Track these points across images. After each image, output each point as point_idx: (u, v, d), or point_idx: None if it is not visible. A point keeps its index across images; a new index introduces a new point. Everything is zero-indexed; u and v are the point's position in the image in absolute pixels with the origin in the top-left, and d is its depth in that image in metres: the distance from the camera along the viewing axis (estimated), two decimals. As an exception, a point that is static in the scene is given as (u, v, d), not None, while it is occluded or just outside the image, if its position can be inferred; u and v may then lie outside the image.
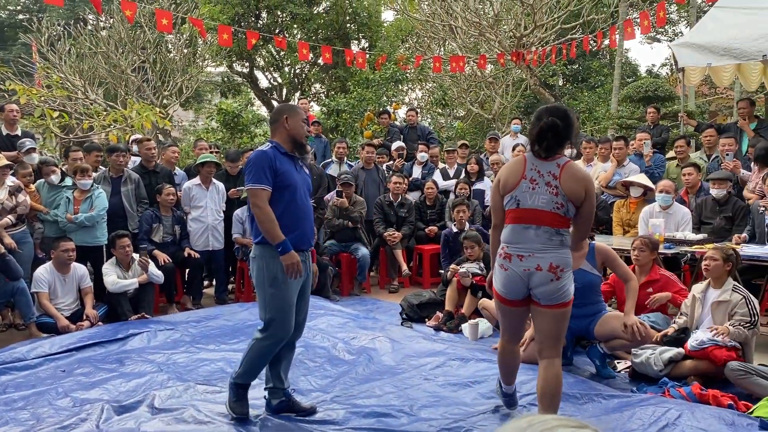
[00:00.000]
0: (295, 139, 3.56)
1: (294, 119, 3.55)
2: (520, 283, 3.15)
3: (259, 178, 3.40)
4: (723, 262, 4.38)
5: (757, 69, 8.36)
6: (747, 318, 4.23)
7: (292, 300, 3.50)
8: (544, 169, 3.13)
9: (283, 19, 14.62)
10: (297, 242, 3.47)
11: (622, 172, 7.16)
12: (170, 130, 16.04)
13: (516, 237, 3.16)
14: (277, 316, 3.45)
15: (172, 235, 6.77)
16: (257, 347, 3.52)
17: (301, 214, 3.54)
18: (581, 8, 14.71)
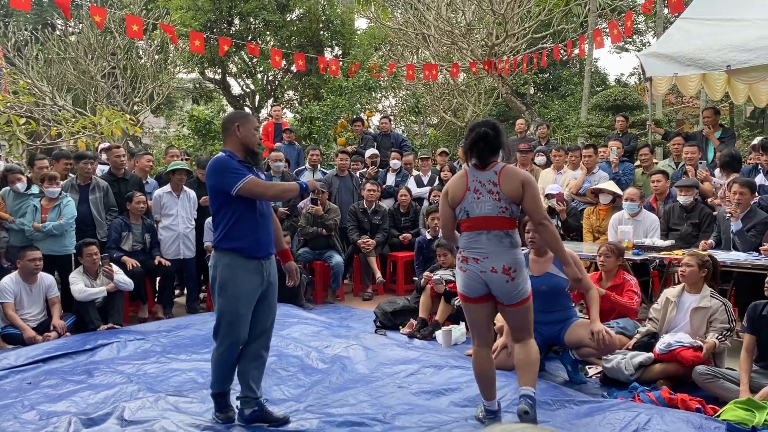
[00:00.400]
0: (247, 147, 3.54)
1: (246, 127, 3.53)
2: (479, 281, 3.40)
3: (236, 177, 3.37)
4: (698, 269, 4.45)
5: (721, 79, 8.56)
6: (726, 325, 4.30)
7: (242, 308, 3.47)
8: (484, 178, 3.40)
9: (256, 26, 14.57)
10: (253, 250, 3.48)
11: (592, 179, 7.26)
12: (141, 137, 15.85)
13: (470, 243, 3.43)
14: (224, 323, 3.49)
15: (142, 243, 6.68)
16: (214, 356, 3.60)
17: (257, 223, 3.51)
18: (551, 18, 14.96)
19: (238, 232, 3.44)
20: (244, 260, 3.46)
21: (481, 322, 3.55)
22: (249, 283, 3.48)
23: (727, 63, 7.08)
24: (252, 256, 3.48)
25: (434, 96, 16.65)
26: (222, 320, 3.49)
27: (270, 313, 3.67)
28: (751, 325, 4.03)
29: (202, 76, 17.07)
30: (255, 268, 3.50)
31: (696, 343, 4.20)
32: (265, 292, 3.59)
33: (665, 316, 4.58)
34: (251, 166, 3.54)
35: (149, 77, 14.61)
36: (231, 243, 3.44)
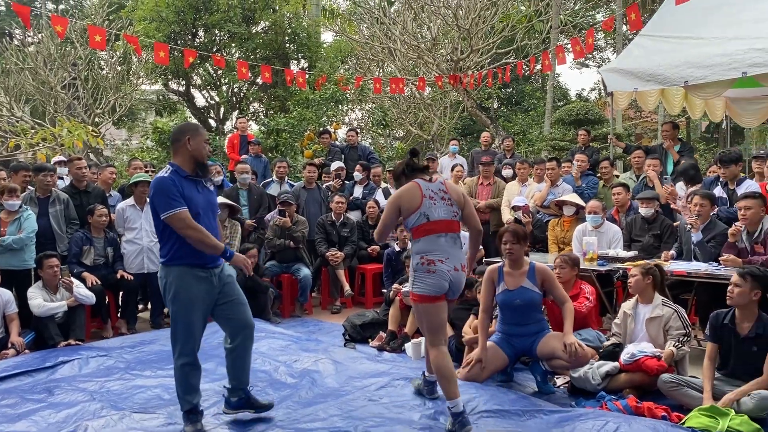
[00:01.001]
0: (197, 160, 3.60)
1: (196, 140, 3.58)
2: (447, 279, 3.68)
3: (171, 204, 3.44)
4: (642, 277, 4.58)
5: (679, 94, 8.82)
6: (682, 331, 4.42)
7: (194, 317, 3.58)
8: (434, 188, 3.79)
9: (221, 38, 14.48)
10: (202, 262, 3.58)
11: (556, 191, 7.39)
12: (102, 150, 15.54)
13: (431, 246, 3.69)
14: (180, 333, 3.59)
15: (104, 257, 6.53)
16: (176, 368, 3.65)
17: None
18: (515, 34, 15.22)
19: (185, 250, 3.51)
20: (195, 270, 3.57)
21: (443, 320, 3.79)
22: (200, 290, 3.58)
23: (684, 79, 7.30)
24: (206, 266, 3.60)
25: (401, 109, 16.76)
26: (177, 327, 3.60)
27: (242, 306, 3.78)
28: (713, 333, 4.13)
29: (165, 88, 16.86)
30: (205, 276, 3.60)
31: (658, 353, 4.31)
32: (224, 292, 3.70)
33: (625, 329, 4.70)
34: (199, 179, 3.62)
35: (111, 88, 14.36)
36: (182, 260, 3.54)
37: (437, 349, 3.70)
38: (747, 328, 3.98)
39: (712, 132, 22.14)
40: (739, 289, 3.97)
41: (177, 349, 3.61)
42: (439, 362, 3.66)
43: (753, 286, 3.94)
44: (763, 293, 4.01)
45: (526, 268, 4.50)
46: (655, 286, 4.62)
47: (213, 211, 3.73)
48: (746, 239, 5.32)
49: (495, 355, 4.48)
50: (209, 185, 3.74)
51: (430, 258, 3.65)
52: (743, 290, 3.96)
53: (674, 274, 5.30)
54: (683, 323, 4.45)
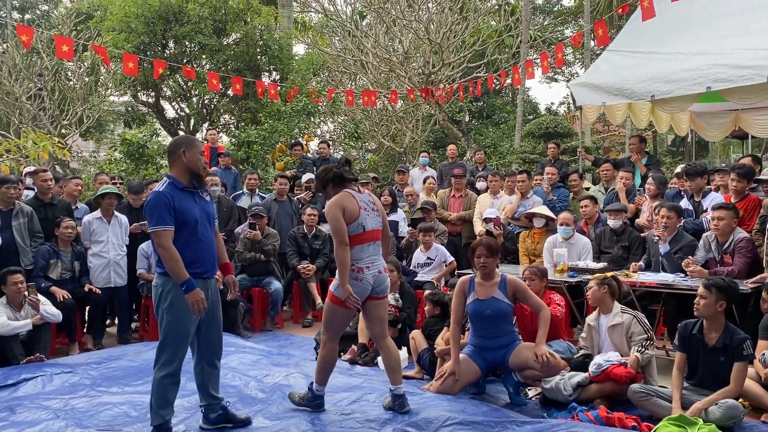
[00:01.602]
0: (192, 172, 3.71)
1: (191, 152, 3.69)
2: (369, 286, 4.01)
3: (161, 219, 3.56)
4: (598, 288, 4.68)
5: (646, 108, 9.00)
6: (644, 335, 4.50)
7: (187, 327, 3.66)
8: (365, 199, 4.08)
9: (192, 50, 14.36)
10: (200, 272, 3.70)
11: (527, 204, 7.45)
12: (69, 162, 15.24)
13: (362, 254, 3.99)
14: (170, 341, 3.64)
15: (71, 271, 6.38)
16: (156, 378, 3.65)
17: (203, 246, 3.73)
18: (485, 48, 15.41)
19: (187, 260, 3.59)
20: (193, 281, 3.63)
21: (346, 324, 4.35)
22: None
23: (651, 93, 7.45)
24: (203, 277, 3.71)
25: (373, 122, 16.79)
26: (168, 338, 3.63)
27: (217, 325, 3.88)
28: (681, 343, 4.19)
29: (134, 99, 16.63)
30: (201, 287, 3.66)
31: (624, 360, 4.38)
32: (210, 307, 3.74)
33: (591, 341, 4.77)
34: (195, 191, 3.74)
35: (79, 99, 14.10)
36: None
37: (332, 345, 4.16)
38: (714, 339, 4.04)
39: (677, 145, 22.65)
40: (704, 300, 4.04)
41: (162, 360, 3.63)
42: (332, 356, 4.16)
43: (718, 298, 4.02)
44: (728, 304, 4.08)
45: (497, 280, 4.53)
46: (613, 295, 4.71)
47: (210, 221, 3.83)
48: (715, 249, 5.42)
49: (468, 368, 4.48)
50: (206, 196, 3.87)
51: (360, 266, 3.96)
52: (708, 302, 4.03)
53: (642, 285, 5.38)
54: (644, 328, 4.53)
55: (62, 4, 22.28)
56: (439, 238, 7.47)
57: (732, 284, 4.18)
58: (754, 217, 5.68)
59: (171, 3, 13.28)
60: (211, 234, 3.81)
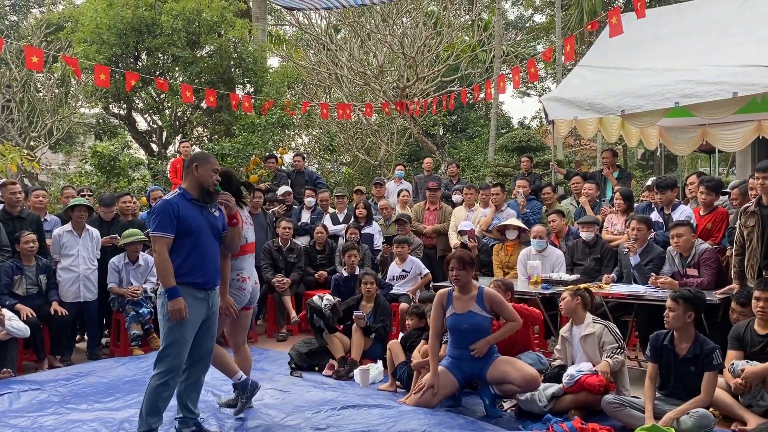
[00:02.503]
0: (202, 187, 3.87)
1: (203, 168, 3.86)
2: (248, 294, 4.35)
3: (162, 226, 3.73)
4: (571, 298, 4.75)
5: (616, 123, 9.15)
6: (615, 344, 4.56)
7: (188, 336, 3.78)
8: (245, 213, 4.42)
9: (164, 62, 14.26)
10: (202, 282, 3.83)
11: (501, 216, 7.51)
12: (37, 174, 14.99)
13: (244, 264, 4.32)
14: (171, 348, 3.74)
15: (36, 286, 6.21)
16: (151, 385, 3.74)
17: (206, 257, 3.85)
18: (459, 63, 15.57)
19: (189, 268, 3.77)
20: (194, 290, 3.80)
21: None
22: (196, 312, 3.80)
23: (621, 108, 7.59)
24: (203, 288, 3.84)
25: (348, 135, 16.82)
26: (171, 345, 3.74)
27: (210, 340, 4.00)
28: (653, 354, 4.24)
29: (106, 112, 16.43)
30: (203, 298, 3.85)
31: (596, 369, 4.42)
32: (207, 319, 3.91)
33: (565, 352, 4.82)
34: (204, 205, 3.90)
35: (48, 111, 13.90)
36: (182, 278, 3.75)
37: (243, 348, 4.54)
38: (685, 349, 4.11)
39: (647, 159, 23.09)
40: (673, 312, 4.11)
41: (160, 367, 3.74)
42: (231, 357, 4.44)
43: (686, 309, 4.09)
44: (697, 314, 4.15)
45: (474, 293, 4.54)
46: (585, 306, 4.78)
47: (215, 234, 3.94)
48: (679, 263, 5.53)
49: (445, 381, 4.49)
50: (214, 211, 3.98)
51: (243, 276, 4.30)
52: (677, 313, 4.10)
53: (614, 296, 5.45)
54: (614, 337, 4.61)
55: (32, 15, 21.97)
56: (415, 252, 7.48)
57: (699, 295, 4.26)
58: (721, 229, 5.81)
59: (144, 15, 13.19)
60: (215, 248, 3.95)
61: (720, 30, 8.09)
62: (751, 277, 4.74)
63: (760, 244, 4.68)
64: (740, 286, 4.88)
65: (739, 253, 4.93)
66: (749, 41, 7.50)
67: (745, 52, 7.25)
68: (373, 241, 8.00)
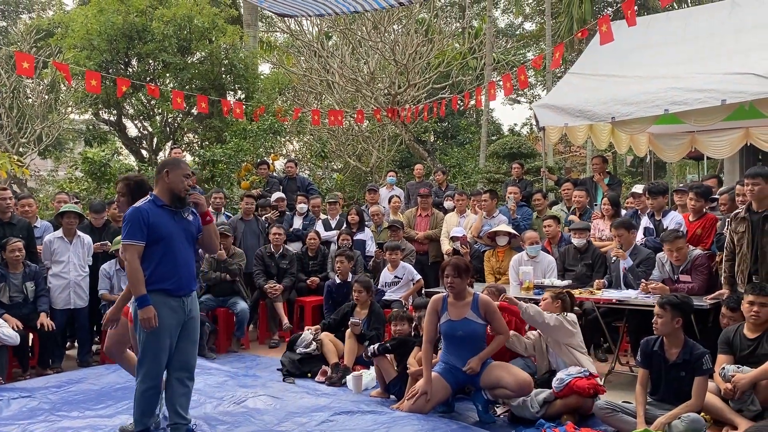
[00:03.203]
0: (173, 192, 3.85)
1: (174, 173, 3.85)
2: None
3: (132, 233, 3.74)
4: (552, 301, 4.90)
5: (606, 129, 9.23)
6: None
7: (163, 342, 3.79)
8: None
9: (155, 68, 14.23)
10: (175, 288, 3.83)
11: (492, 222, 7.54)
12: (26, 180, 14.87)
13: None
14: (148, 355, 3.79)
15: (21, 294, 6.09)
16: (138, 390, 3.83)
17: (178, 263, 3.84)
18: (450, 70, 15.66)
19: (161, 275, 3.78)
20: (168, 298, 3.80)
21: None
22: (172, 318, 3.81)
23: (611, 115, 7.66)
24: (177, 294, 3.83)
25: (339, 141, 16.84)
26: (145, 352, 3.78)
27: (192, 345, 3.99)
28: (643, 360, 4.27)
29: (95, 118, 16.36)
30: (178, 305, 3.85)
31: (585, 372, 4.45)
32: (186, 325, 3.91)
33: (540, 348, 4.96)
34: (177, 210, 3.88)
35: (38, 117, 13.82)
36: (155, 285, 3.77)
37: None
38: (675, 354, 4.14)
39: (637, 166, 23.25)
40: (661, 319, 4.14)
41: (142, 373, 3.81)
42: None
43: (674, 315, 4.12)
44: (685, 319, 4.18)
45: (469, 300, 4.54)
46: (565, 310, 4.88)
47: (189, 239, 3.94)
48: (670, 269, 5.57)
49: (439, 386, 4.49)
50: (188, 216, 3.95)
51: None
52: (665, 320, 4.13)
53: (604, 302, 5.48)
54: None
55: (21, 21, 21.88)
56: (407, 258, 7.50)
57: (686, 299, 4.30)
58: (710, 235, 5.86)
59: (135, 21, 13.16)
60: (189, 253, 3.93)
61: (709, 38, 8.19)
62: (741, 282, 4.78)
63: (750, 250, 4.73)
64: (730, 291, 4.92)
65: (729, 258, 4.97)
66: (737, 49, 7.60)
67: (733, 60, 7.35)
68: (366, 248, 8.00)
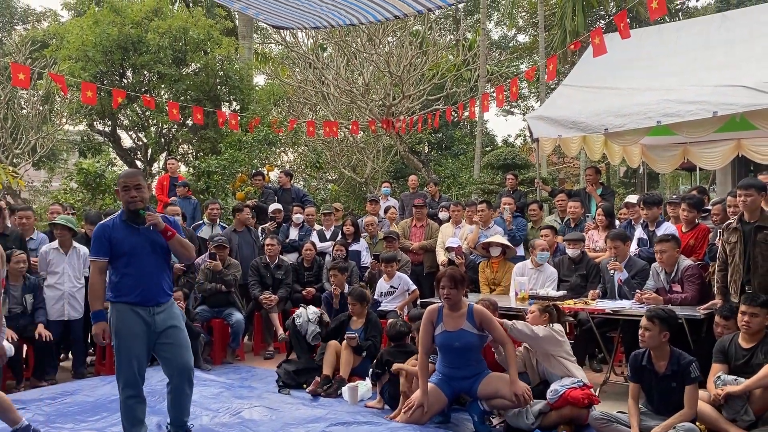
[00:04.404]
0: (126, 208, 3.94)
1: (120, 188, 3.93)
2: None
3: (95, 250, 3.92)
4: (540, 314, 4.87)
5: (599, 141, 9.30)
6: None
7: (133, 350, 3.86)
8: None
9: (150, 79, 14.27)
10: (140, 301, 3.88)
11: (488, 233, 7.56)
12: (20, 191, 14.85)
13: None
14: (122, 366, 3.87)
15: (21, 306, 6.12)
16: (120, 401, 3.91)
17: (141, 275, 3.90)
18: (444, 82, 15.76)
19: (123, 289, 3.87)
20: (133, 307, 3.87)
21: None
22: (139, 326, 3.86)
23: (604, 126, 7.71)
24: (143, 305, 3.89)
25: (334, 152, 16.89)
26: (120, 361, 3.87)
27: (183, 350, 4.01)
28: (633, 374, 4.31)
29: (90, 129, 16.37)
30: (145, 314, 3.89)
31: (579, 382, 4.46)
32: (167, 334, 3.95)
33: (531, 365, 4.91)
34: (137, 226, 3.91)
35: (32, 128, 13.82)
36: (120, 297, 3.88)
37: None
38: (663, 366, 4.16)
39: (630, 177, 23.39)
40: (649, 332, 4.16)
41: (121, 383, 3.88)
42: None
43: (662, 328, 4.15)
44: (671, 332, 4.21)
45: (464, 310, 4.55)
46: (551, 322, 4.86)
47: (156, 251, 3.96)
48: (664, 279, 5.60)
49: (435, 397, 4.48)
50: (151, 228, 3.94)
51: None
52: (653, 333, 4.15)
53: (598, 312, 5.50)
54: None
55: (16, 32, 21.90)
56: (403, 268, 7.50)
57: (671, 313, 4.33)
58: (704, 246, 5.90)
59: (130, 32, 13.20)
60: (157, 264, 3.96)
61: (700, 51, 8.29)
62: (734, 292, 4.81)
63: (742, 260, 4.76)
64: (723, 301, 4.95)
65: (721, 269, 5.00)
66: (728, 62, 7.69)
67: (724, 72, 7.44)
68: (360, 258, 8.02)
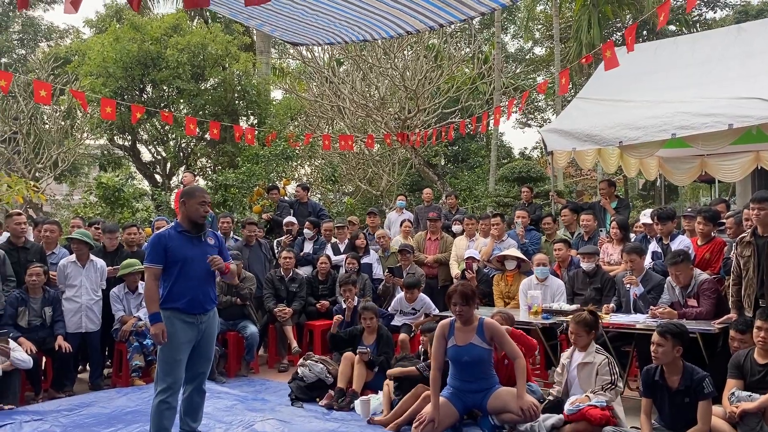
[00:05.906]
0: (190, 219, 4.25)
1: (190, 202, 4.25)
2: None
3: (151, 257, 4.18)
4: (586, 334, 4.72)
5: (615, 153, 9.26)
6: (607, 378, 4.54)
7: (178, 355, 4.13)
8: None
9: (169, 94, 14.50)
10: (188, 307, 4.18)
11: (502, 246, 7.56)
12: (41, 205, 15.10)
13: None
14: (164, 368, 4.12)
15: (40, 318, 6.22)
16: (153, 405, 4.09)
17: (192, 284, 4.19)
18: (460, 95, 15.79)
19: (175, 294, 4.15)
20: (182, 314, 4.15)
21: None
22: (185, 333, 4.16)
23: (619, 139, 7.69)
24: (191, 312, 4.18)
25: (350, 165, 16.97)
26: (162, 366, 4.12)
27: (205, 362, 4.35)
28: (646, 389, 4.28)
29: (110, 143, 16.65)
30: (191, 322, 4.19)
31: (602, 402, 4.39)
32: (200, 342, 4.25)
33: (562, 378, 4.82)
34: (197, 236, 4.26)
35: (54, 143, 14.08)
36: (170, 303, 4.16)
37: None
38: (676, 382, 4.13)
39: (648, 189, 23.19)
40: (662, 348, 4.13)
41: (158, 388, 4.09)
42: None
43: (674, 343, 4.12)
44: (684, 347, 4.17)
45: (475, 324, 4.55)
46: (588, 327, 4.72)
47: (204, 262, 4.22)
48: (679, 293, 5.55)
49: (447, 412, 4.48)
50: (209, 240, 4.35)
51: None
52: (666, 348, 4.12)
53: (614, 326, 5.47)
54: (611, 371, 4.58)
55: (40, 49, 22.37)
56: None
57: (683, 328, 4.29)
58: (719, 260, 5.85)
59: (150, 49, 13.45)
60: (206, 274, 4.26)
61: (715, 63, 8.25)
62: (748, 306, 4.77)
63: (756, 274, 4.72)
64: (738, 315, 4.90)
65: (736, 282, 4.96)
66: (744, 74, 7.65)
67: (739, 84, 7.39)
68: (372, 271, 8.04)
